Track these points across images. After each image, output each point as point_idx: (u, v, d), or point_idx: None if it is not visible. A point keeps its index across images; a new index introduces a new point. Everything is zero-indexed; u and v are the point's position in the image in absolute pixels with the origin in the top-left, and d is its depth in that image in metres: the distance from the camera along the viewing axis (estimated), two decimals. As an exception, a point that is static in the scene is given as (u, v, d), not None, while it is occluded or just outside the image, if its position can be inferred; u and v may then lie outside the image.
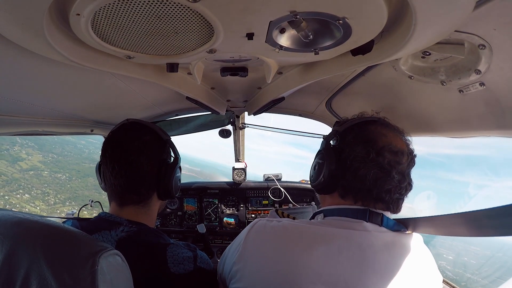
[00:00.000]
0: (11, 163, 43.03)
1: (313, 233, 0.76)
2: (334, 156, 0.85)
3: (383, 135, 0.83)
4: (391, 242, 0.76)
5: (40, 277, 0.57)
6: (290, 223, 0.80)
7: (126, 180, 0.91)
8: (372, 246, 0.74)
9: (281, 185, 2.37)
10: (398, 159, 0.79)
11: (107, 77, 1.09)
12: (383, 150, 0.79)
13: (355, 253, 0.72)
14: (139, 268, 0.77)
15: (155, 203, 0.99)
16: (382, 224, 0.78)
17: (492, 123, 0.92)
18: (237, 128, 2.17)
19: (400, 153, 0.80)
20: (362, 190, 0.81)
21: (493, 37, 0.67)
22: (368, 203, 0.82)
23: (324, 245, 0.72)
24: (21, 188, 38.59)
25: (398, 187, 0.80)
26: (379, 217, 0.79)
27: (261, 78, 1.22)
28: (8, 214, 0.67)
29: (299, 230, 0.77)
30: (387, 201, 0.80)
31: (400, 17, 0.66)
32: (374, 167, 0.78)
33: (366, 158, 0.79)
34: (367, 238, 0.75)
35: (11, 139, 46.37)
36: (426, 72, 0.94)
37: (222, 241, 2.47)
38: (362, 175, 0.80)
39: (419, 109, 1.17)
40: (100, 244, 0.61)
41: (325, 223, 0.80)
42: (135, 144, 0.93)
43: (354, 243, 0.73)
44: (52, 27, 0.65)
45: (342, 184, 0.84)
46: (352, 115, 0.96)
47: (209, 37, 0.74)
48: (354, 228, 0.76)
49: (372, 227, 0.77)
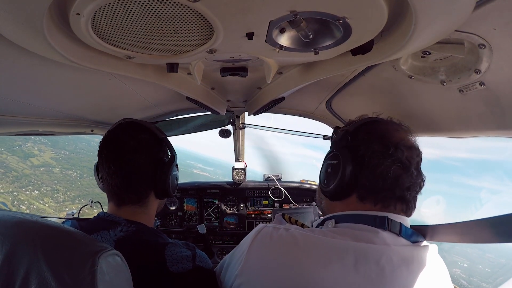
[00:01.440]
0: (22, 159, 42.89)
1: (327, 246, 0.69)
2: (350, 155, 0.79)
3: (395, 130, 0.81)
4: (410, 257, 0.71)
5: (40, 277, 0.57)
6: (300, 233, 0.72)
7: (122, 179, 0.91)
8: (391, 262, 0.68)
9: (281, 185, 2.37)
10: (413, 154, 0.77)
11: (107, 77, 1.09)
12: (400, 145, 0.76)
13: (373, 269, 0.66)
14: (138, 267, 0.77)
15: (152, 202, 0.99)
16: (400, 233, 0.74)
17: (492, 123, 0.92)
18: (237, 128, 2.17)
19: (414, 148, 0.78)
20: (383, 190, 0.76)
21: (493, 37, 0.67)
22: (389, 203, 0.77)
23: (338, 260, 0.66)
24: (31, 184, 38.32)
25: (416, 183, 0.77)
26: (397, 226, 0.74)
27: (261, 78, 1.22)
28: (8, 215, 0.67)
29: (310, 241, 0.70)
30: (408, 200, 0.77)
31: (400, 17, 0.66)
32: (394, 163, 0.74)
33: (385, 153, 0.75)
34: (385, 253, 0.69)
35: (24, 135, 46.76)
36: (426, 72, 0.94)
37: (222, 241, 2.46)
38: (382, 173, 0.74)
39: (419, 109, 1.17)
40: (99, 244, 0.61)
41: (339, 233, 0.73)
42: (131, 144, 0.92)
43: (371, 259, 0.67)
44: (52, 27, 0.65)
45: (362, 184, 0.77)
46: (354, 117, 0.93)
47: (209, 37, 0.74)
48: (372, 241, 0.70)
49: (390, 239, 0.72)
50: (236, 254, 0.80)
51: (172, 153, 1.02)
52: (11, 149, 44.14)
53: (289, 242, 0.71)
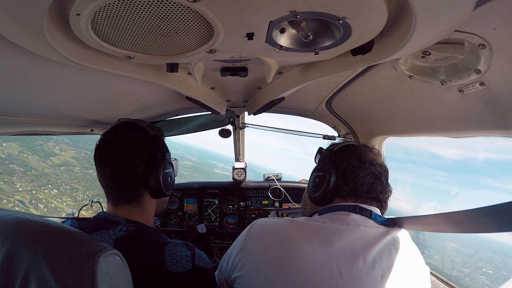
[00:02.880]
0: (43, 158, 43.02)
1: (309, 227, 0.87)
2: (334, 169, 1.00)
3: (369, 151, 1.04)
4: (377, 236, 0.87)
5: (40, 277, 0.57)
6: (290, 219, 0.92)
7: (113, 179, 0.90)
8: (362, 239, 0.84)
9: (281, 185, 2.37)
10: (382, 170, 0.99)
11: (107, 77, 1.09)
12: (373, 162, 0.99)
13: (346, 244, 0.82)
14: (138, 267, 0.77)
15: (149, 201, 0.97)
16: (370, 216, 0.91)
17: (492, 123, 0.92)
18: (237, 128, 2.17)
19: (383, 165, 1.01)
20: (362, 191, 0.96)
21: (493, 37, 0.67)
22: (365, 201, 0.97)
23: (318, 237, 0.83)
24: (50, 183, 38.38)
25: (386, 189, 0.99)
26: (368, 212, 0.92)
27: (261, 78, 1.22)
28: (8, 214, 0.67)
29: (296, 224, 0.88)
30: (381, 200, 0.98)
31: (400, 17, 0.66)
32: (369, 174, 0.96)
33: (362, 166, 0.97)
34: (357, 232, 0.86)
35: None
36: (426, 72, 0.94)
37: (222, 241, 2.46)
38: (360, 180, 0.96)
39: (419, 109, 1.17)
40: (99, 244, 0.61)
41: (319, 220, 0.91)
42: (120, 143, 0.91)
43: (345, 237, 0.84)
44: (52, 27, 0.65)
45: (344, 189, 0.98)
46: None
47: (209, 37, 0.74)
48: (346, 222, 0.88)
49: (361, 220, 0.90)
50: (237, 240, 0.96)
51: (163, 150, 0.99)
52: (32, 148, 44.40)
53: (280, 224, 0.89)
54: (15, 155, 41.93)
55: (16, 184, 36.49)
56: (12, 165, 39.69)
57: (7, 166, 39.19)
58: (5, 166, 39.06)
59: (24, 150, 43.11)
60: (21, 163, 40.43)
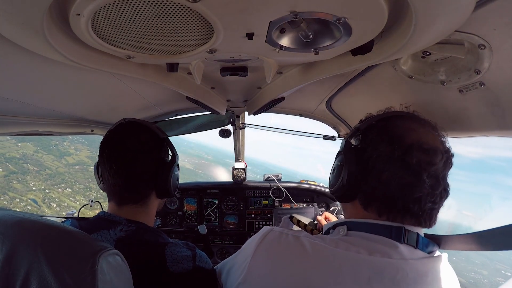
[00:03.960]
0: (57, 158, 43.53)
1: (338, 258, 0.63)
2: (355, 157, 0.73)
3: (412, 130, 0.70)
4: (425, 271, 0.67)
5: (40, 277, 0.57)
6: (309, 241, 0.67)
7: (124, 179, 0.91)
8: (407, 278, 0.63)
9: (281, 185, 2.37)
10: (430, 158, 0.66)
11: (107, 77, 1.09)
12: (412, 148, 0.66)
13: (388, 286, 0.62)
14: (138, 267, 0.77)
15: (153, 202, 0.99)
16: (417, 245, 0.67)
17: (492, 123, 0.91)
18: (237, 128, 2.17)
19: (432, 151, 0.66)
20: (386, 198, 0.69)
21: (493, 37, 0.67)
22: (395, 216, 0.69)
23: (351, 276, 0.62)
24: (64, 182, 38.77)
25: (431, 194, 0.66)
26: (414, 237, 0.67)
27: (261, 78, 1.22)
28: (8, 214, 0.67)
29: (320, 252, 0.64)
30: (417, 214, 0.67)
31: (400, 17, 0.66)
32: (401, 169, 0.66)
33: (391, 157, 0.67)
34: (402, 268, 0.63)
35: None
36: (426, 72, 0.94)
37: (222, 241, 2.46)
38: (386, 180, 0.67)
39: (419, 109, 1.17)
40: (100, 244, 0.61)
41: (352, 242, 0.67)
42: (133, 143, 0.93)
43: (387, 275, 0.62)
44: (52, 27, 0.65)
45: (364, 190, 0.72)
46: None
47: (209, 37, 0.74)
48: (389, 255, 0.64)
49: (407, 252, 0.66)
50: (239, 259, 0.76)
51: (173, 153, 1.03)
52: (47, 148, 44.97)
53: (297, 251, 0.65)
54: (30, 154, 42.47)
55: (30, 183, 36.75)
56: (27, 164, 40.16)
57: (22, 165, 39.61)
58: (20, 165, 39.48)
59: (39, 149, 43.59)
60: (35, 162, 40.92)
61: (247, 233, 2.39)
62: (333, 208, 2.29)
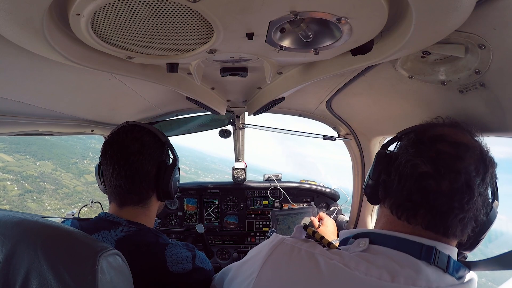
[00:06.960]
0: (76, 176, 43.22)
1: (358, 284, 0.56)
2: (386, 161, 0.71)
3: (439, 126, 0.68)
4: None
5: (40, 277, 0.57)
6: (325, 259, 0.60)
7: (126, 180, 0.92)
8: None
9: (281, 185, 2.37)
10: (455, 151, 0.60)
11: (107, 77, 1.09)
12: (434, 140, 0.62)
13: None
14: (138, 267, 0.77)
15: (154, 203, 1.00)
16: (447, 270, 0.60)
17: (492, 123, 0.91)
18: (237, 128, 2.17)
19: (463, 146, 0.61)
20: (417, 205, 0.62)
21: (493, 37, 0.67)
22: (415, 215, 0.63)
23: None
24: (81, 201, 37.93)
25: (454, 192, 0.59)
26: (445, 260, 0.60)
27: (261, 78, 1.22)
28: (8, 215, 0.67)
29: (338, 276, 0.57)
30: (438, 214, 0.60)
31: (400, 17, 0.66)
32: (417, 157, 0.61)
33: (413, 148, 0.64)
34: None
35: (83, 153, 46.29)
36: (426, 72, 0.93)
37: (222, 241, 2.46)
38: (405, 173, 0.63)
39: (419, 109, 1.17)
40: (100, 244, 0.61)
41: (373, 262, 0.60)
42: (135, 146, 0.94)
43: None
44: (52, 27, 0.65)
45: (389, 192, 0.67)
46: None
47: (209, 37, 0.74)
48: (413, 281, 0.57)
49: (435, 277, 0.59)
50: (245, 270, 0.69)
51: (174, 156, 1.05)
52: (66, 167, 44.68)
53: (310, 270, 0.59)
54: (48, 173, 42.10)
55: (45, 202, 36.36)
56: (44, 183, 39.63)
57: (38, 184, 39.28)
58: (36, 184, 39.14)
59: (57, 168, 43.24)
60: (53, 181, 40.56)
61: (248, 233, 2.39)
62: (333, 208, 2.29)
